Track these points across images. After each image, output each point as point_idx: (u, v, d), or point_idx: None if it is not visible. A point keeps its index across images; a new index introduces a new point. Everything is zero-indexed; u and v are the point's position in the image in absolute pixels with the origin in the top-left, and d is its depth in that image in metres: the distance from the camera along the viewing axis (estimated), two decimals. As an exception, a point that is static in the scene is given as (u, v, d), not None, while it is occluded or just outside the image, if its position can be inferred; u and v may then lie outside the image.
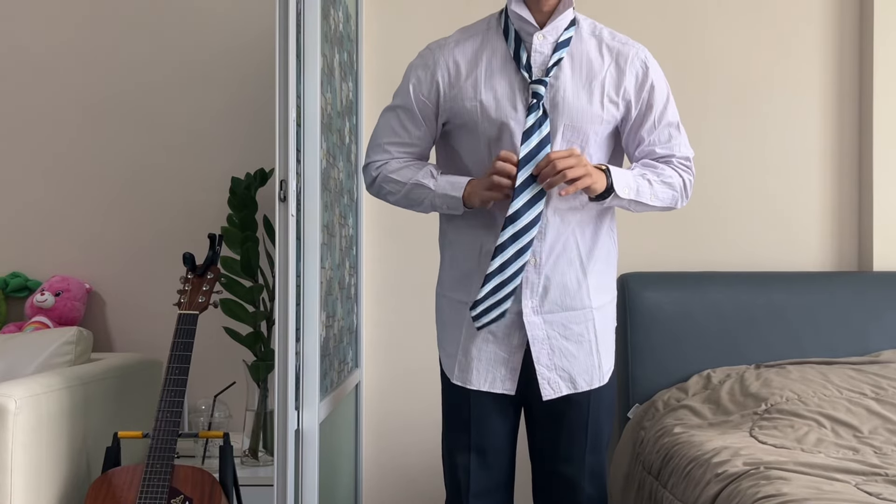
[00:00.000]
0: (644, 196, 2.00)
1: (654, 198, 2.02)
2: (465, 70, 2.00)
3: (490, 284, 1.93)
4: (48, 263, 3.21)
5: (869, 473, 2.03)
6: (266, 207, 2.97)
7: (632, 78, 2.01)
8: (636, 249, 3.17)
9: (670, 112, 2.06)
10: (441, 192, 2.00)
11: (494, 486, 2.09)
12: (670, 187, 2.05)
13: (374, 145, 2.11)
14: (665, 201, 2.05)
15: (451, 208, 2.01)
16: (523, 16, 1.97)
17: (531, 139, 1.92)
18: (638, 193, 1.99)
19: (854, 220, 3.27)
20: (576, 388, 2.02)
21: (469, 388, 2.04)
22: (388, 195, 2.09)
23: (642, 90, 2.02)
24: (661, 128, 2.05)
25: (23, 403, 2.10)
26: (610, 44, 2.03)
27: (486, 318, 1.97)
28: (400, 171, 2.05)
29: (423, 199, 2.03)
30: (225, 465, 2.37)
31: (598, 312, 2.05)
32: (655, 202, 2.03)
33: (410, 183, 2.03)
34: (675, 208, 2.11)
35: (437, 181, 2.01)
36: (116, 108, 3.23)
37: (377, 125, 2.12)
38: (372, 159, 2.10)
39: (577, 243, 2.02)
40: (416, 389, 3.16)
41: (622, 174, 1.97)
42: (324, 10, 2.32)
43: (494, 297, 1.95)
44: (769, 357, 2.98)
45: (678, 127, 2.08)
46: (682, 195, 2.09)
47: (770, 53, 3.26)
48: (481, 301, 1.95)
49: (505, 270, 1.93)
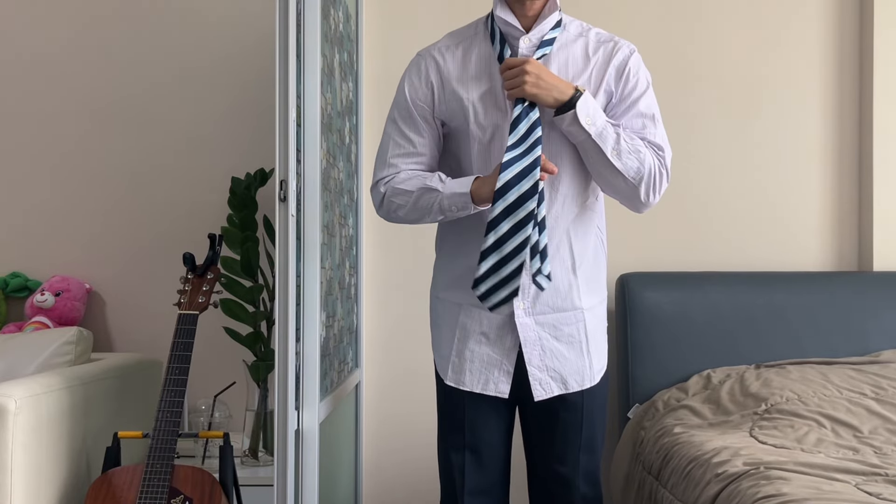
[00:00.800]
0: (606, 142, 1.92)
1: (616, 154, 1.93)
2: (454, 73, 2.01)
3: (488, 262, 1.91)
4: (48, 263, 3.21)
5: (869, 473, 2.03)
6: (266, 207, 2.97)
7: (613, 69, 2.01)
8: (636, 249, 3.17)
9: (645, 101, 2.02)
10: (449, 192, 1.98)
11: (489, 485, 2.09)
12: (638, 158, 1.95)
13: (379, 163, 2.09)
14: (628, 170, 1.94)
15: (460, 209, 1.98)
16: (508, 20, 1.97)
17: (519, 127, 1.92)
18: (600, 136, 1.91)
19: (854, 220, 3.27)
20: (567, 389, 2.03)
21: (462, 389, 2.04)
22: (398, 209, 2.05)
23: (620, 78, 2.01)
24: (634, 115, 2.00)
25: (23, 403, 2.10)
26: (596, 43, 2.03)
27: (494, 298, 1.94)
28: (408, 182, 2.03)
29: (433, 204, 2.00)
30: (225, 465, 2.37)
31: (589, 313, 2.05)
32: (616, 161, 1.93)
33: (419, 189, 2.01)
34: (640, 198, 1.99)
35: (444, 184, 2.00)
36: (116, 109, 3.23)
37: (381, 143, 2.10)
38: (379, 177, 2.08)
39: (569, 245, 2.02)
40: (416, 389, 3.16)
41: (594, 107, 1.93)
42: (324, 10, 2.32)
43: (498, 275, 1.92)
44: (769, 357, 2.98)
45: (654, 119, 2.02)
46: (649, 180, 1.97)
47: (770, 53, 3.26)
48: (482, 280, 1.93)
49: (503, 247, 1.90)
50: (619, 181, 1.97)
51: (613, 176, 1.96)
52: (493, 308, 1.97)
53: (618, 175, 1.96)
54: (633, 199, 2.00)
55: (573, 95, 1.91)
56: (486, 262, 1.92)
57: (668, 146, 2.03)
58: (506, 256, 1.91)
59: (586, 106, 1.91)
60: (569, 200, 2.01)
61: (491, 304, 1.96)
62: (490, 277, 1.93)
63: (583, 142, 1.94)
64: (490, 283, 1.93)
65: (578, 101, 1.90)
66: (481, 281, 1.93)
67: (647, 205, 2.02)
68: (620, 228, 2.20)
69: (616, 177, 1.96)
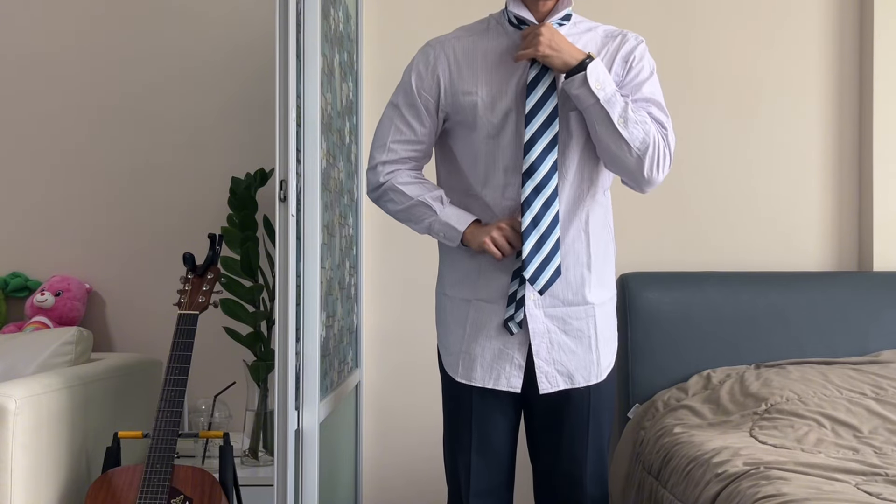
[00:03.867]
0: (614, 108, 1.91)
1: (623, 122, 1.92)
2: (464, 65, 2.02)
3: (530, 241, 1.94)
4: (48, 263, 3.21)
5: (869, 473, 2.03)
6: (266, 207, 2.97)
7: (620, 59, 2.03)
8: (636, 249, 3.17)
9: (650, 87, 2.03)
10: (444, 219, 2.02)
11: (496, 486, 2.09)
12: (643, 129, 1.94)
13: (378, 145, 2.10)
14: (634, 139, 1.93)
15: (447, 238, 2.04)
16: (522, 16, 1.99)
17: (536, 89, 1.95)
18: (608, 101, 1.91)
19: (854, 220, 3.27)
20: (573, 384, 2.03)
21: (473, 385, 2.04)
22: (389, 203, 2.08)
23: (626, 64, 2.03)
24: (639, 99, 2.01)
25: (23, 403, 2.10)
26: (605, 37, 2.06)
27: (542, 278, 1.96)
28: (409, 185, 2.05)
29: (424, 219, 2.04)
30: (225, 465, 2.37)
31: (600, 309, 2.07)
32: (623, 129, 1.92)
33: (417, 199, 2.04)
34: (643, 173, 1.96)
35: (444, 208, 2.03)
36: (116, 108, 3.23)
37: (380, 123, 2.12)
38: (378, 160, 2.09)
39: (586, 239, 2.03)
40: (417, 389, 3.16)
41: (604, 73, 1.94)
42: (324, 10, 2.32)
43: (541, 254, 1.95)
44: (769, 357, 2.98)
45: (658, 104, 2.03)
46: (654, 153, 1.95)
47: (770, 53, 3.26)
48: (529, 260, 1.94)
49: (539, 224, 1.94)
50: (623, 152, 1.95)
51: (618, 146, 1.94)
52: (543, 290, 1.98)
53: (622, 145, 1.94)
54: (637, 173, 1.98)
55: (584, 60, 1.93)
56: (528, 242, 1.94)
57: (671, 129, 2.03)
58: (544, 234, 1.95)
59: (597, 71, 1.93)
60: (582, 193, 2.02)
61: (540, 285, 1.97)
62: (535, 257, 1.95)
63: (590, 107, 1.93)
64: (536, 262, 1.95)
65: (589, 65, 1.92)
66: (529, 261, 1.95)
67: (650, 182, 1.99)
68: (621, 228, 2.20)
69: (621, 147, 1.94)
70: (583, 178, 2.02)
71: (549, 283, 1.97)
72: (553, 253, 1.96)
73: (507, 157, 1.99)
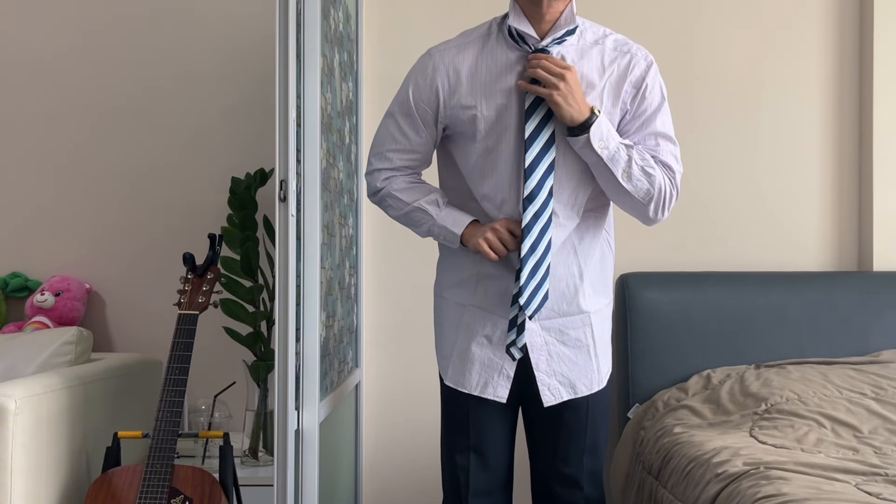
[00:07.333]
0: (617, 165, 1.91)
1: (627, 177, 1.93)
2: (465, 78, 1.98)
3: (528, 267, 1.91)
4: (48, 263, 3.21)
5: (869, 473, 2.03)
6: (266, 207, 2.97)
7: (629, 86, 1.98)
8: (636, 249, 3.17)
9: (661, 119, 2.01)
10: (441, 223, 2.01)
11: (494, 487, 2.09)
12: (649, 180, 1.95)
13: (375, 152, 2.09)
14: (638, 192, 1.95)
15: (447, 241, 2.03)
16: (524, 31, 1.93)
17: (536, 113, 1.91)
18: (612, 159, 1.91)
19: (854, 220, 3.27)
20: (576, 394, 2.03)
21: (462, 391, 2.04)
22: (389, 209, 2.09)
23: (637, 94, 1.99)
24: (649, 134, 1.99)
25: (23, 403, 2.10)
26: (613, 53, 1.99)
27: (534, 303, 1.93)
28: (405, 191, 2.05)
29: (422, 224, 2.04)
30: (225, 465, 2.37)
31: (596, 317, 2.05)
32: (626, 183, 1.93)
33: (413, 205, 2.03)
34: (648, 216, 2.00)
35: (440, 211, 2.02)
36: (116, 108, 3.23)
37: (378, 131, 2.11)
38: (375, 167, 2.09)
39: (574, 249, 2.01)
40: (417, 389, 3.16)
41: (608, 129, 1.91)
42: (324, 10, 2.32)
43: (535, 278, 1.92)
44: (769, 357, 2.98)
45: (668, 138, 2.01)
46: (658, 199, 1.97)
47: (770, 53, 3.26)
48: (525, 286, 1.91)
49: (536, 250, 1.92)
50: (628, 200, 1.98)
51: (623, 195, 1.97)
52: (533, 315, 1.95)
53: (627, 195, 1.96)
54: (641, 215, 2.02)
55: (588, 118, 1.89)
56: (525, 268, 1.92)
57: (679, 164, 2.02)
58: (539, 260, 1.92)
59: (600, 130, 1.90)
60: (576, 207, 2.00)
61: (531, 310, 1.94)
62: (530, 282, 1.92)
63: (594, 163, 1.94)
64: (530, 287, 1.93)
65: (593, 126, 1.89)
66: (525, 287, 1.92)
67: (656, 221, 2.03)
68: (621, 229, 2.19)
69: (626, 196, 1.97)
70: (576, 200, 1.99)
71: (538, 309, 1.95)
72: (543, 279, 1.94)
73: (504, 173, 1.96)
